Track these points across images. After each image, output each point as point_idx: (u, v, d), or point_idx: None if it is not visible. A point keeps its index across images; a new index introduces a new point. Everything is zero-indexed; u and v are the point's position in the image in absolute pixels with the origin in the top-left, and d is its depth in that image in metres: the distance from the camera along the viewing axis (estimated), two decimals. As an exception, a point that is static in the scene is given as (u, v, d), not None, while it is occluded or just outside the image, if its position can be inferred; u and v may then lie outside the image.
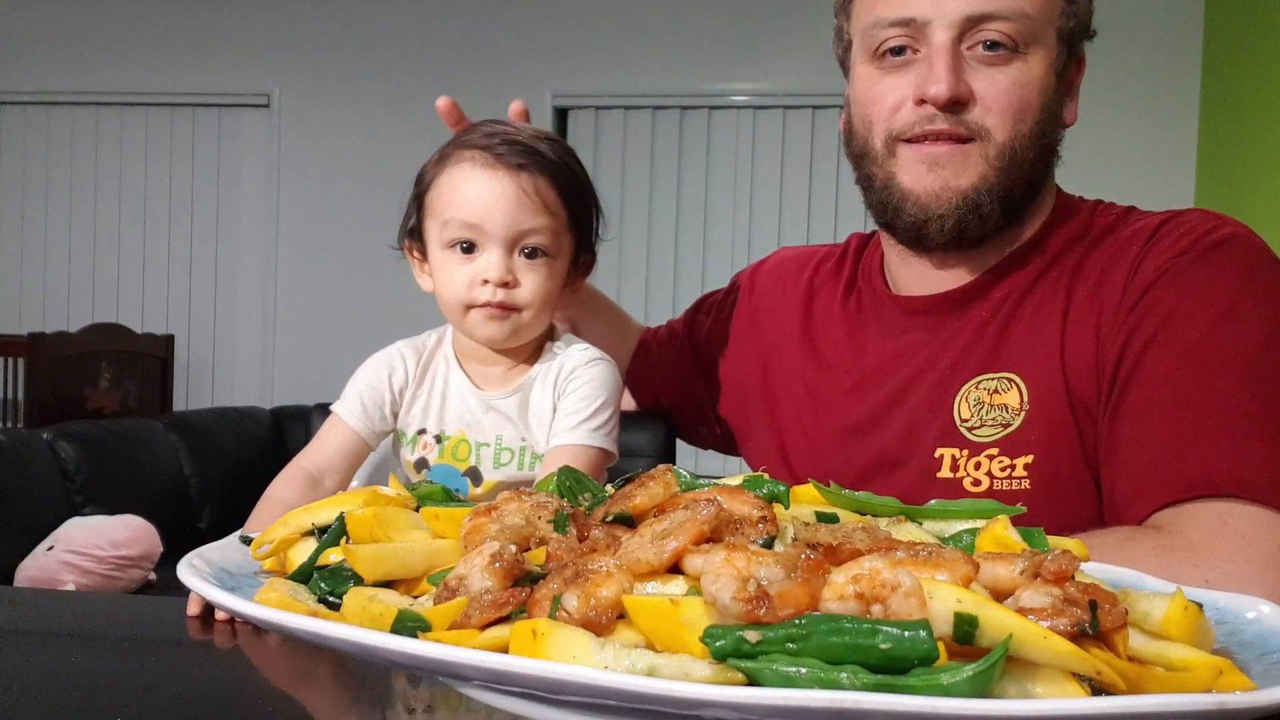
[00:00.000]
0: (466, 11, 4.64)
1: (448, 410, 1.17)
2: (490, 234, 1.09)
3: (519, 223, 1.08)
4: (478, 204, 1.09)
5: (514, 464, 1.14)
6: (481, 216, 1.08)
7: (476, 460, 1.14)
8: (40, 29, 4.95)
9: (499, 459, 1.14)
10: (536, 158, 1.09)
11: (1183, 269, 0.99)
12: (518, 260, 1.10)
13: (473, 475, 1.14)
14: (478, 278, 1.10)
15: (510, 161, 1.09)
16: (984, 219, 1.04)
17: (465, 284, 1.11)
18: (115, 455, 3.36)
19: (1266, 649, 0.54)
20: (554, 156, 1.11)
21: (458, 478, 1.14)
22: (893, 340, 1.15)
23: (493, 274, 1.09)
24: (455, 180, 1.10)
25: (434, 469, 1.15)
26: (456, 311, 1.13)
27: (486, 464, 1.14)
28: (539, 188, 1.09)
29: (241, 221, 4.95)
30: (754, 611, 0.44)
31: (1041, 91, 1.04)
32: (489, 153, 1.09)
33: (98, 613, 0.98)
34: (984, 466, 1.02)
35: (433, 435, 1.16)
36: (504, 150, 1.09)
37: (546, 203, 1.09)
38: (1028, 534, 0.59)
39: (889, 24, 1.04)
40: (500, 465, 1.14)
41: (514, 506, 0.59)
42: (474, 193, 1.09)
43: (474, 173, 1.09)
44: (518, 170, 1.08)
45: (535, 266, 1.10)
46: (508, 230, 1.08)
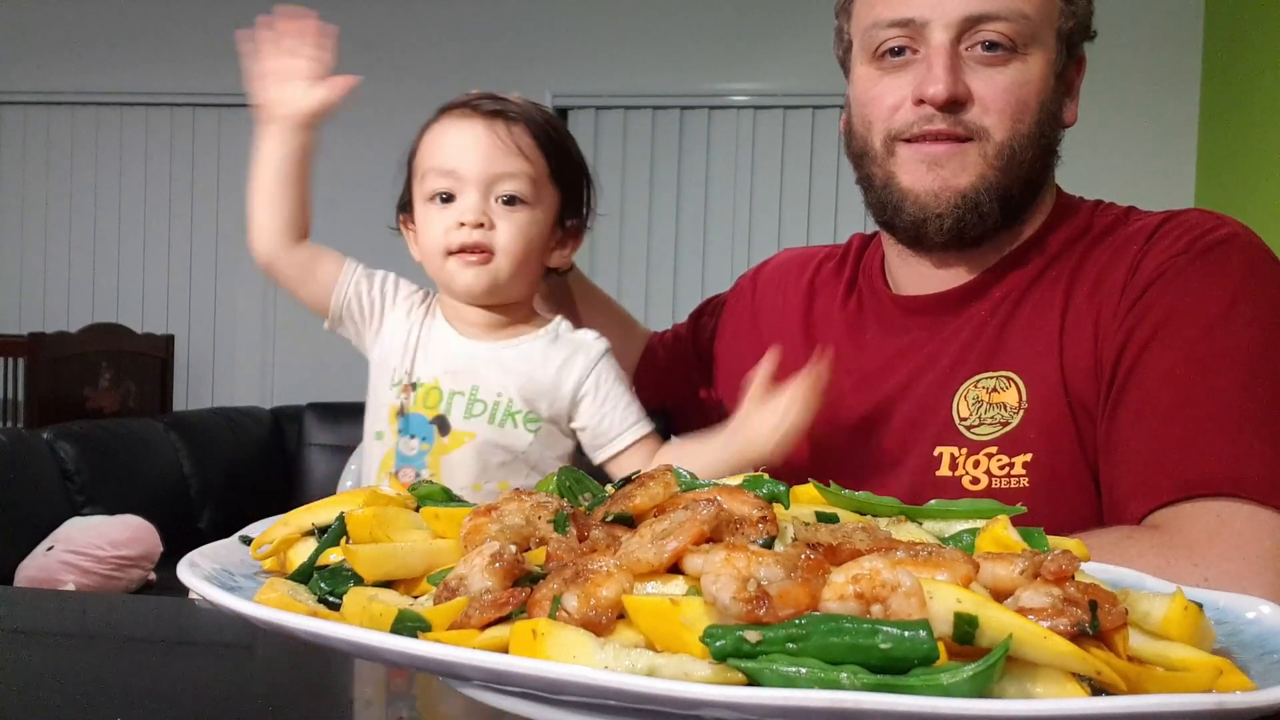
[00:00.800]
0: (466, 12, 4.63)
1: (427, 356, 1.16)
2: (465, 178, 1.10)
3: (492, 165, 1.10)
4: (452, 150, 1.11)
5: (485, 416, 1.12)
6: (456, 162, 1.10)
7: (446, 409, 1.13)
8: (40, 29, 4.95)
9: (471, 409, 1.12)
10: (514, 108, 1.12)
11: (1182, 268, 0.99)
12: (494, 206, 1.11)
13: (440, 424, 1.13)
14: (454, 221, 1.11)
15: (485, 109, 1.11)
16: (983, 218, 1.04)
17: (442, 230, 1.12)
18: (115, 455, 3.36)
19: (1266, 649, 0.54)
20: (537, 116, 1.13)
21: (425, 425, 1.13)
22: (892, 340, 1.15)
23: (468, 215, 1.10)
24: (435, 135, 1.13)
25: (408, 418, 1.14)
26: (437, 261, 1.14)
27: (456, 413, 1.12)
28: (513, 133, 1.11)
29: (241, 221, 4.90)
30: (754, 611, 0.44)
31: (1040, 91, 1.04)
32: (467, 106, 1.12)
33: (98, 613, 0.98)
34: (983, 465, 1.02)
35: (409, 382, 1.15)
36: (481, 102, 1.12)
37: (521, 147, 1.11)
38: (1027, 534, 0.59)
39: (888, 24, 1.04)
40: (471, 416, 1.12)
41: (514, 506, 0.59)
42: (450, 141, 1.12)
43: (450, 124, 1.12)
44: (492, 116, 1.11)
45: (511, 213, 1.11)
46: (481, 173, 1.10)
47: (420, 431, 1.13)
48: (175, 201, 4.99)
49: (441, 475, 1.11)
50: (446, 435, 1.12)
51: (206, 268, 4.99)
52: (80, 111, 4.99)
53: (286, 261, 1.16)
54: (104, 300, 4.99)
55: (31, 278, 5.04)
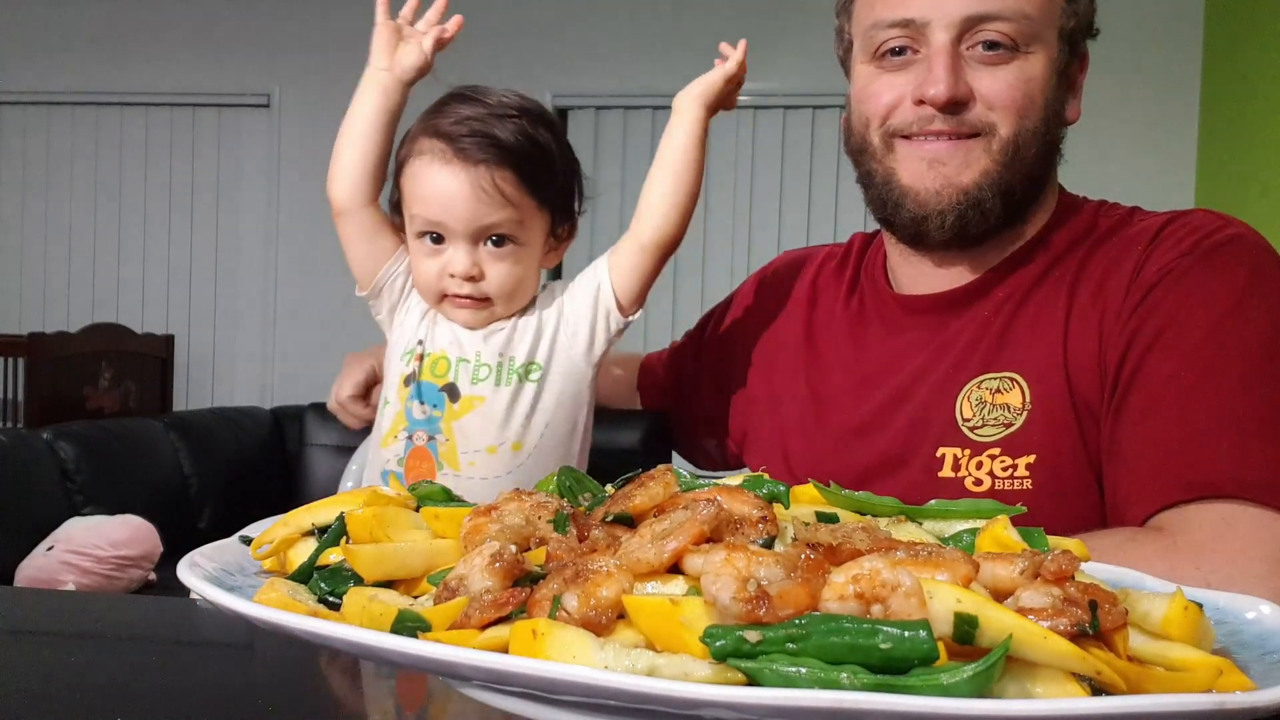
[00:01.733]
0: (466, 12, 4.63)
1: (435, 329, 1.18)
2: (453, 229, 1.12)
3: (479, 218, 1.11)
4: (439, 200, 1.11)
5: (491, 379, 1.15)
6: (442, 214, 1.11)
7: (455, 376, 1.15)
8: (40, 29, 4.95)
9: (476, 374, 1.15)
10: (500, 148, 1.11)
11: (1186, 269, 0.98)
12: (484, 251, 1.13)
13: (450, 392, 1.15)
14: (446, 270, 1.13)
15: (471, 156, 1.10)
16: (985, 215, 1.04)
17: (435, 275, 1.14)
18: (115, 455, 3.35)
19: (1266, 649, 0.54)
20: (522, 139, 1.12)
21: (435, 393, 1.16)
22: (895, 339, 1.15)
23: (458, 268, 1.12)
24: (419, 173, 1.13)
25: (421, 384, 1.17)
26: (431, 299, 1.17)
27: (464, 379, 1.15)
28: (498, 182, 1.11)
29: (241, 221, 4.95)
30: (754, 611, 0.44)
31: (1043, 89, 1.04)
32: (451, 145, 1.11)
33: (98, 613, 0.98)
34: (986, 466, 1.02)
35: (421, 353, 1.18)
36: (467, 144, 1.11)
37: (507, 195, 1.11)
38: (1028, 534, 0.59)
39: (889, 25, 1.04)
40: (478, 380, 1.15)
41: (514, 506, 0.59)
42: (435, 188, 1.12)
43: (434, 168, 1.12)
44: (476, 165, 1.10)
45: (502, 255, 1.13)
46: (469, 226, 1.11)
47: (431, 399, 1.16)
48: (175, 201, 4.99)
49: (456, 440, 1.14)
50: (457, 401, 1.15)
51: (206, 268, 4.99)
52: (80, 111, 4.99)
53: (359, 217, 1.19)
54: (104, 300, 4.99)
55: (31, 278, 5.04)
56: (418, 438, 1.15)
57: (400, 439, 1.16)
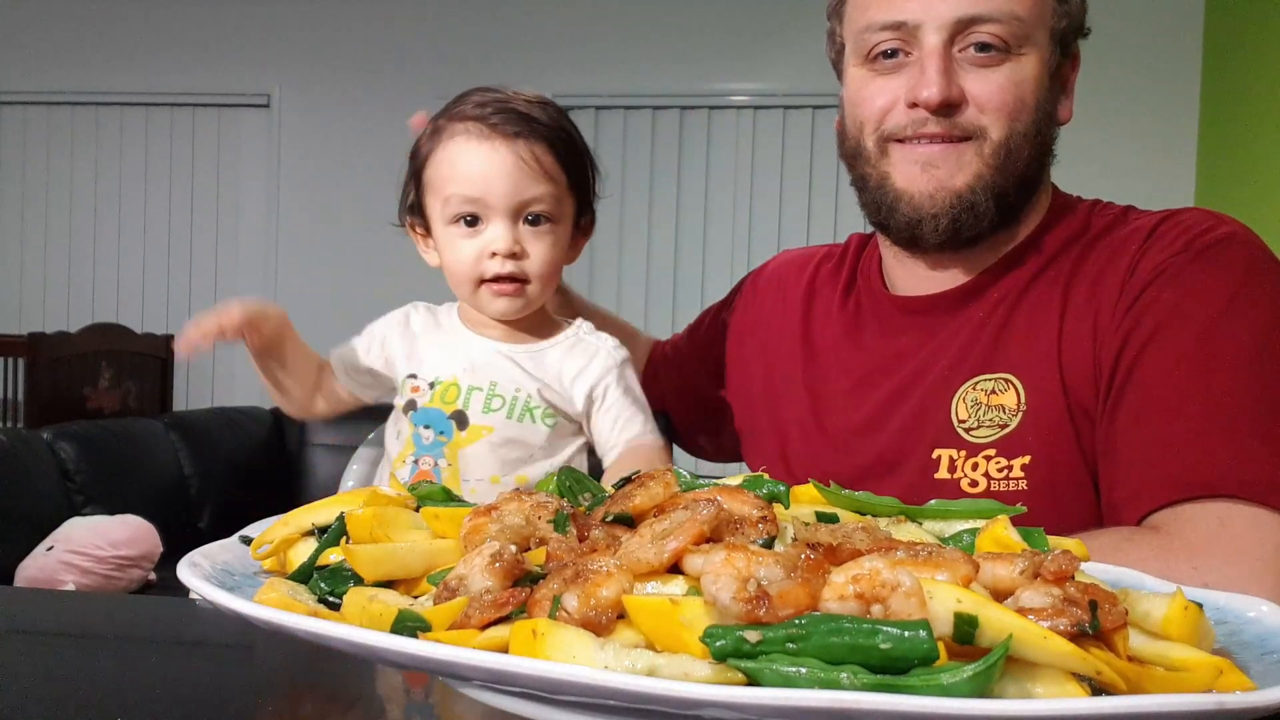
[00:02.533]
0: (466, 11, 4.63)
1: (446, 357, 1.16)
2: (493, 206, 1.08)
3: (521, 192, 1.08)
4: (478, 177, 1.08)
5: (504, 411, 1.12)
6: (483, 189, 1.08)
7: (465, 404, 1.13)
8: (40, 29, 4.94)
9: (489, 404, 1.12)
10: (531, 124, 1.09)
11: (1180, 268, 0.99)
12: (523, 229, 1.10)
13: (458, 419, 1.13)
14: (486, 250, 1.10)
15: (506, 130, 1.08)
16: (979, 218, 1.04)
17: (473, 258, 1.10)
18: (115, 455, 3.36)
19: (1266, 649, 0.54)
20: (548, 120, 1.11)
21: (443, 420, 1.13)
22: (890, 340, 1.15)
23: (500, 246, 1.09)
24: (452, 154, 1.10)
25: (420, 411, 1.14)
26: (467, 287, 1.13)
27: (475, 408, 1.13)
28: (537, 154, 1.08)
29: (241, 221, 4.95)
30: (754, 611, 0.44)
31: (1035, 90, 1.04)
32: (483, 123, 1.09)
33: (98, 613, 0.98)
34: (981, 467, 1.02)
35: (426, 381, 1.15)
36: (498, 119, 1.09)
37: (546, 169, 1.09)
38: (1028, 534, 0.59)
39: (880, 27, 1.05)
40: (490, 410, 1.12)
41: (514, 506, 0.59)
42: (473, 166, 1.09)
43: (470, 145, 1.09)
44: (514, 138, 1.08)
45: (541, 234, 1.10)
46: (510, 200, 1.08)
47: (438, 425, 1.14)
48: (175, 201, 4.99)
49: (460, 468, 1.12)
50: (465, 429, 1.13)
51: (206, 268, 4.99)
52: (80, 111, 4.99)
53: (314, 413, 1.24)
54: (104, 300, 4.98)
55: (31, 278, 5.03)
56: (423, 462, 1.14)
57: (408, 464, 1.15)
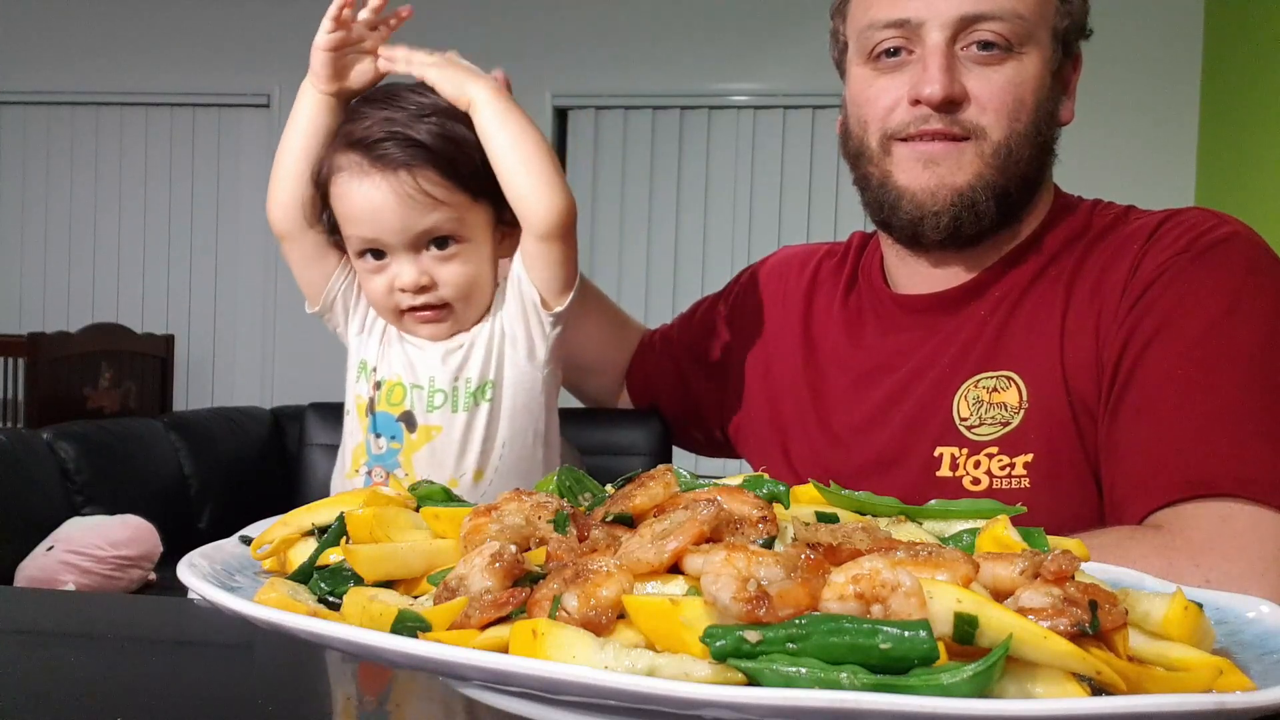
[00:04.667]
0: (466, 11, 4.63)
1: (390, 354, 1.13)
2: (389, 243, 1.06)
3: (412, 225, 1.04)
4: (368, 216, 1.05)
5: (447, 406, 1.09)
6: (375, 229, 1.05)
7: (410, 404, 1.10)
8: (40, 29, 4.94)
9: (431, 401, 1.10)
10: (417, 150, 1.04)
11: (1182, 268, 0.99)
12: (428, 258, 1.06)
13: (407, 421, 1.11)
14: (393, 286, 1.07)
15: (388, 163, 1.04)
16: (979, 217, 1.05)
17: (384, 292, 1.08)
18: (115, 455, 3.35)
19: (1266, 649, 0.54)
20: (434, 137, 1.05)
21: (393, 424, 1.11)
22: (892, 338, 1.15)
23: (405, 281, 1.06)
24: (342, 190, 1.07)
25: (378, 415, 1.12)
26: (390, 316, 1.11)
27: (419, 407, 1.10)
28: (424, 184, 1.04)
29: (241, 221, 4.94)
30: (754, 611, 0.44)
31: (1036, 90, 1.04)
32: (366, 155, 1.05)
33: (98, 613, 0.98)
34: (983, 465, 1.02)
35: (376, 379, 1.13)
36: (382, 150, 1.04)
37: (437, 196, 1.04)
38: (1028, 534, 0.59)
39: (883, 25, 1.05)
40: (433, 408, 1.10)
41: (514, 506, 0.59)
42: (361, 205, 1.05)
43: (354, 182, 1.05)
44: (396, 171, 1.04)
45: (448, 258, 1.06)
46: (405, 236, 1.05)
47: (388, 430, 1.11)
48: (175, 201, 4.99)
49: (415, 472, 1.09)
50: (415, 431, 1.10)
51: (206, 268, 4.99)
52: (80, 111, 4.99)
53: (303, 241, 1.14)
54: (104, 300, 4.99)
55: (31, 278, 5.04)
56: (376, 474, 1.11)
57: (361, 474, 1.12)
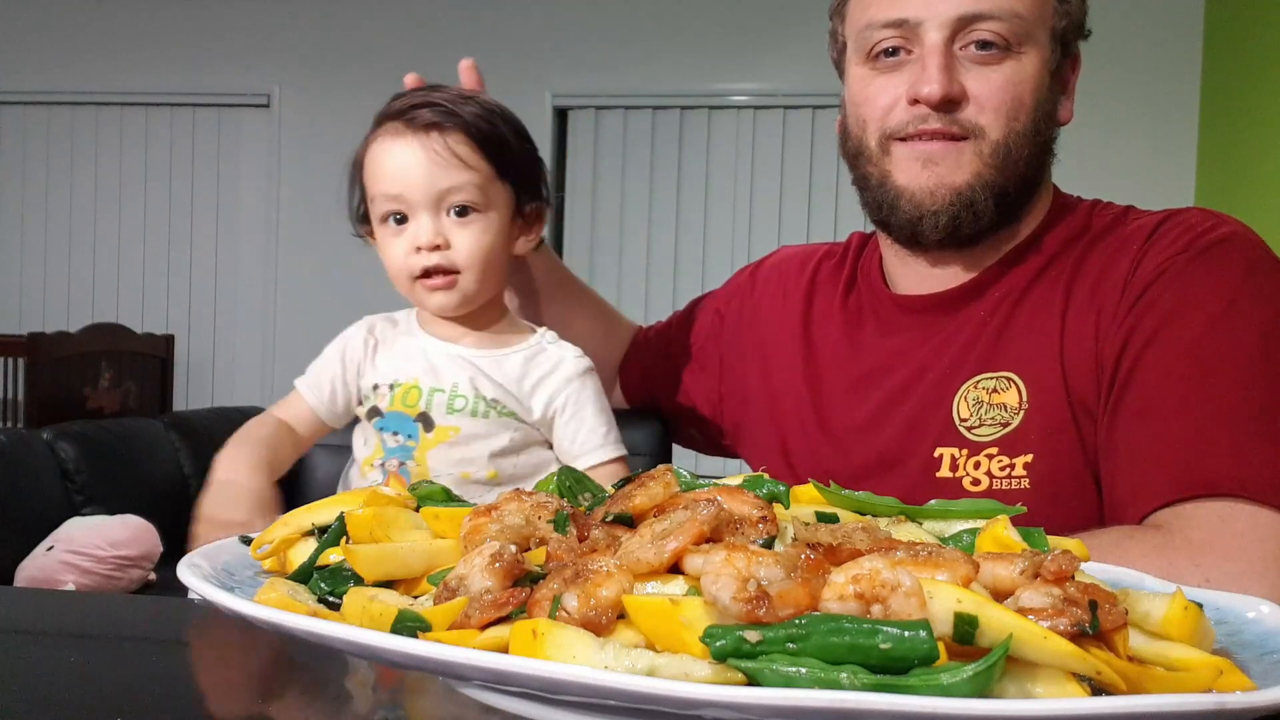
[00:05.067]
0: (466, 11, 4.63)
1: (405, 362, 1.17)
2: (413, 200, 1.10)
3: (435, 182, 1.09)
4: (396, 173, 1.10)
5: (466, 410, 1.13)
6: (401, 185, 1.10)
7: (427, 405, 1.14)
8: (40, 29, 4.94)
9: (452, 404, 1.13)
10: (449, 117, 1.10)
11: (1182, 268, 0.99)
12: (447, 221, 1.11)
13: (424, 421, 1.14)
14: (411, 246, 1.11)
15: (420, 124, 1.10)
16: (978, 216, 1.05)
17: (402, 255, 1.12)
18: (115, 455, 3.35)
19: (1266, 649, 0.54)
20: (470, 113, 1.11)
21: (409, 423, 1.14)
22: (891, 339, 1.15)
23: (423, 239, 1.10)
24: (376, 155, 1.12)
25: (386, 416, 1.15)
26: (404, 285, 1.15)
27: (438, 409, 1.13)
28: (450, 145, 1.09)
29: (241, 221, 4.95)
30: (754, 611, 0.44)
31: (1035, 90, 1.04)
32: (400, 120, 1.11)
33: (98, 613, 0.98)
34: (983, 466, 1.02)
35: (386, 385, 1.16)
36: (415, 114, 1.10)
37: (461, 157, 1.09)
38: (1028, 534, 0.59)
39: (882, 25, 1.05)
40: (453, 411, 1.13)
41: (514, 506, 0.59)
42: (391, 163, 1.11)
43: (388, 143, 1.11)
44: (427, 131, 1.09)
45: (466, 224, 1.11)
46: (427, 192, 1.09)
47: (404, 428, 1.14)
48: (175, 201, 4.99)
49: (429, 469, 1.13)
50: (431, 431, 1.14)
51: (206, 268, 4.99)
52: (80, 111, 4.99)
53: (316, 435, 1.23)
54: (104, 300, 4.99)
55: (31, 278, 5.04)
56: (390, 465, 1.14)
57: (375, 467, 1.15)
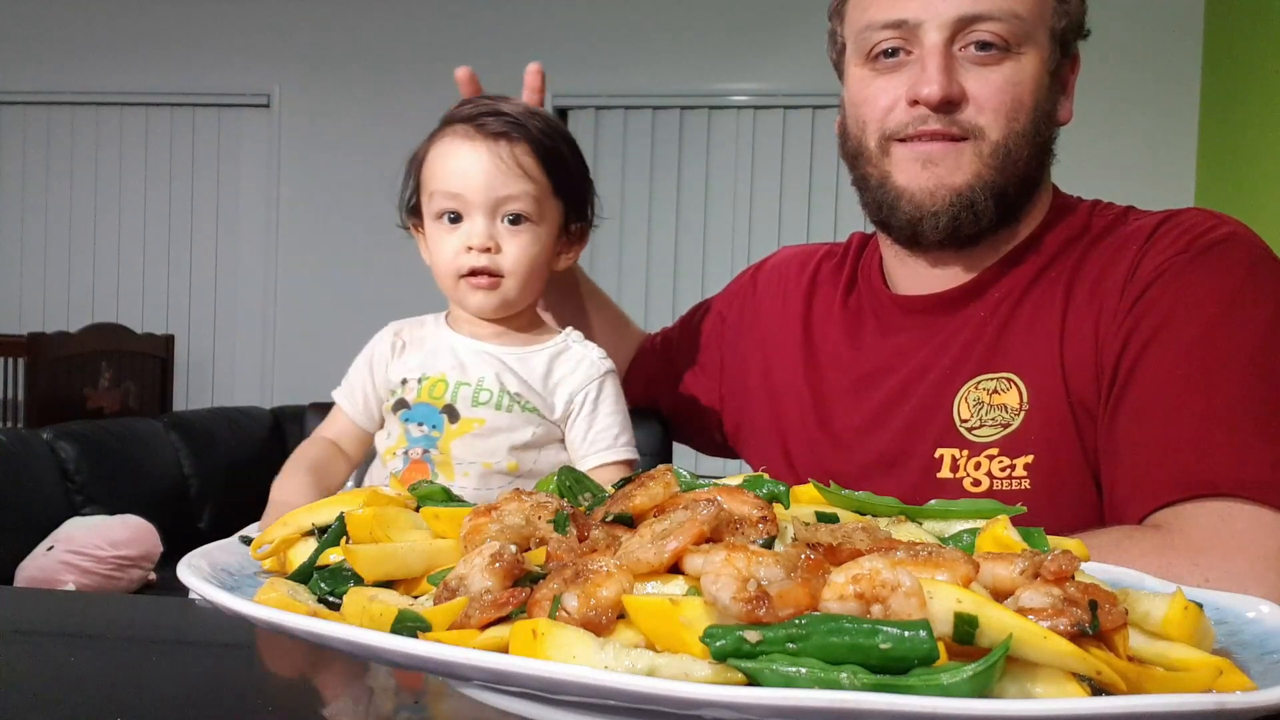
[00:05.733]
0: (467, 12, 4.63)
1: (432, 358, 1.19)
2: (472, 202, 1.13)
3: (496, 189, 1.12)
4: (459, 174, 1.13)
5: (491, 404, 1.16)
6: (462, 186, 1.13)
7: (453, 398, 1.16)
8: (40, 29, 4.94)
9: (477, 398, 1.16)
10: (517, 128, 1.13)
11: (1181, 268, 0.99)
12: (500, 227, 1.14)
13: (449, 413, 1.16)
14: (464, 244, 1.14)
15: (490, 131, 1.13)
16: (978, 216, 1.05)
17: (453, 252, 1.15)
18: (115, 455, 3.35)
19: (1266, 649, 0.54)
20: (536, 127, 1.15)
21: (435, 414, 1.17)
22: (891, 339, 1.15)
23: (476, 240, 1.13)
24: (441, 154, 1.15)
25: (413, 408, 1.17)
26: (449, 281, 1.17)
27: (464, 402, 1.16)
28: (516, 155, 1.13)
29: (241, 221, 4.95)
30: (754, 611, 0.44)
31: (1034, 90, 1.04)
32: (471, 124, 1.14)
33: (98, 613, 0.98)
34: (984, 466, 1.02)
35: (414, 380, 1.18)
36: (485, 121, 1.13)
37: (524, 169, 1.13)
38: (1028, 534, 0.59)
39: (881, 26, 1.05)
40: (478, 404, 1.16)
41: (514, 506, 0.59)
42: (456, 164, 1.13)
43: (455, 144, 1.14)
44: (495, 139, 1.12)
45: (518, 233, 1.14)
46: (487, 196, 1.12)
47: (430, 420, 1.17)
48: (175, 201, 4.99)
49: (452, 455, 1.15)
50: (456, 422, 1.16)
51: (206, 268, 4.99)
52: (80, 111, 4.99)
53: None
54: (104, 300, 4.99)
55: (31, 278, 5.04)
56: (413, 453, 1.17)
57: (399, 456, 1.18)
